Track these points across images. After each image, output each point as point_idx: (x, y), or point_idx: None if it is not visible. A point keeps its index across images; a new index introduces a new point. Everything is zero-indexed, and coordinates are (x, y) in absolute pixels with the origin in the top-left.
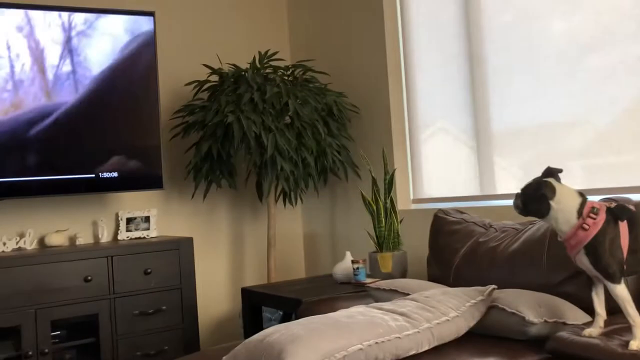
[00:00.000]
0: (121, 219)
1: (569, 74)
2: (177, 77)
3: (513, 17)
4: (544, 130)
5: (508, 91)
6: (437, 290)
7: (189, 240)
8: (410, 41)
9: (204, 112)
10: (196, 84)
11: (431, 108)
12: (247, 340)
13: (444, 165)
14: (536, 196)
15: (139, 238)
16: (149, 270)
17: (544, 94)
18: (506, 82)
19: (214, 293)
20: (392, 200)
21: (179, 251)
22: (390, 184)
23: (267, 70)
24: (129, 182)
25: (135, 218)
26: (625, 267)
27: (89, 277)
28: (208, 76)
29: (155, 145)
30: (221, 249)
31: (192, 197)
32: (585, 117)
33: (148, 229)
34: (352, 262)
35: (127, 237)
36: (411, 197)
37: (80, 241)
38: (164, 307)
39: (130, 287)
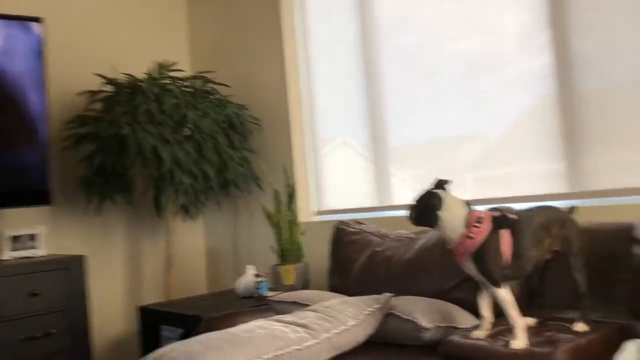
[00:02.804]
0: (5, 238)
1: (460, 91)
2: (68, 86)
3: (408, 37)
4: (438, 144)
5: (404, 107)
6: (336, 300)
7: (81, 259)
8: (310, 56)
9: (97, 124)
10: (89, 94)
11: (332, 122)
12: None
13: (345, 178)
14: (425, 207)
15: (26, 257)
16: (36, 292)
17: (437, 110)
18: (402, 98)
19: (110, 313)
20: (294, 213)
21: (70, 270)
22: (292, 196)
23: (165, 81)
24: (13, 198)
25: (21, 236)
26: (507, 272)
27: None
28: (102, 86)
29: (42, 159)
30: (117, 266)
31: (85, 213)
32: (475, 132)
33: (35, 247)
34: (255, 276)
35: (13, 256)
36: (313, 210)
37: None
38: (53, 331)
39: (14, 310)
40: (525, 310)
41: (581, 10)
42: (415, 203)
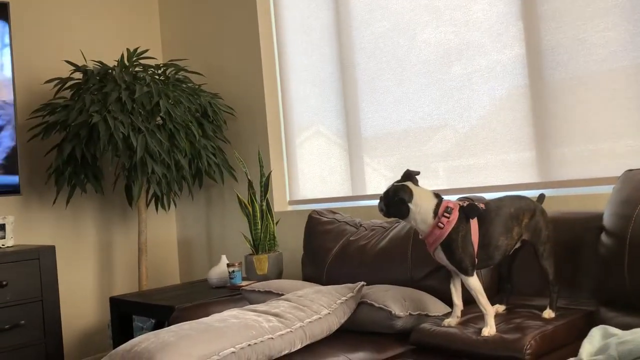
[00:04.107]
0: None
1: (432, 81)
2: (35, 73)
3: (381, 27)
4: (411, 133)
5: (377, 96)
6: (309, 290)
7: (51, 249)
8: (284, 45)
9: (67, 112)
10: (57, 81)
11: (306, 111)
12: (113, 351)
13: (319, 167)
14: (395, 200)
15: None
16: (4, 283)
17: (410, 100)
18: (375, 88)
19: (81, 304)
20: (268, 203)
21: (39, 261)
22: (266, 186)
23: (137, 69)
24: None
25: None
26: (476, 261)
27: None
28: (71, 73)
29: (10, 147)
30: (88, 257)
31: (54, 202)
32: (447, 122)
33: (4, 237)
34: (228, 265)
35: None
36: (287, 199)
37: None
38: (22, 322)
39: None
40: (494, 298)
41: (551, 1)
42: (385, 196)
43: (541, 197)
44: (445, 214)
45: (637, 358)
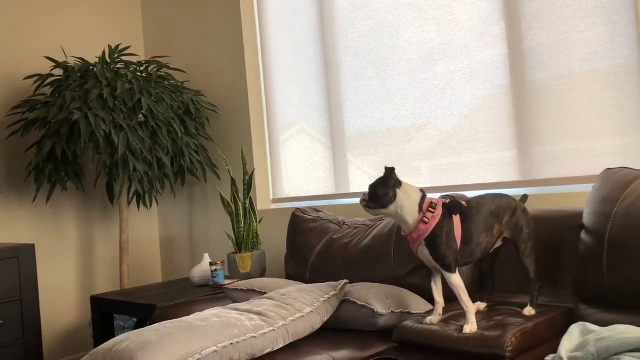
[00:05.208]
0: None
1: (415, 80)
2: (15, 69)
3: (365, 25)
4: (394, 132)
5: (360, 95)
6: (292, 288)
7: (30, 248)
8: (268, 43)
9: (47, 109)
10: (37, 77)
11: (290, 109)
12: (94, 351)
13: (302, 165)
14: (386, 182)
15: None
16: None
17: (394, 99)
18: (358, 86)
19: (61, 303)
20: (251, 201)
21: (18, 259)
22: (249, 184)
23: (119, 66)
24: None
25: None
26: (459, 257)
27: None
28: (51, 70)
29: None
30: (68, 255)
31: (34, 200)
32: (430, 120)
33: None
34: (210, 264)
35: None
36: (271, 197)
37: None
38: (0, 322)
39: None
40: (476, 295)
41: (533, 2)
42: (374, 183)
43: (524, 198)
44: (430, 209)
45: (615, 354)
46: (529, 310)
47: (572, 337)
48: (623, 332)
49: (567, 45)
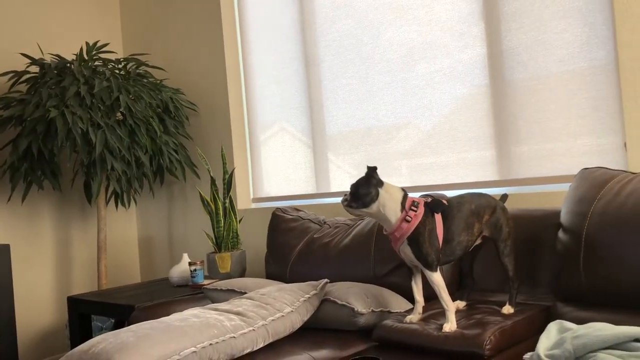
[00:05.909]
0: None
1: (396, 80)
2: None
3: (346, 24)
4: (374, 131)
5: (341, 94)
6: (272, 288)
7: (5, 248)
8: (248, 41)
9: (23, 106)
10: (12, 74)
11: (271, 108)
12: (70, 352)
13: (283, 165)
14: (368, 182)
15: None
16: None
17: (374, 98)
18: (339, 86)
19: (37, 304)
20: (231, 200)
21: None
22: (229, 183)
23: (96, 63)
24: None
25: None
26: (440, 255)
27: None
28: (27, 66)
29: None
30: (45, 256)
31: (9, 200)
32: (410, 120)
33: None
34: (190, 264)
35: None
36: (251, 196)
37: None
38: None
39: None
40: (455, 294)
41: (512, 3)
42: (356, 182)
43: (504, 197)
44: (413, 208)
45: (591, 352)
46: (507, 309)
47: (550, 335)
48: (599, 329)
49: (545, 45)
